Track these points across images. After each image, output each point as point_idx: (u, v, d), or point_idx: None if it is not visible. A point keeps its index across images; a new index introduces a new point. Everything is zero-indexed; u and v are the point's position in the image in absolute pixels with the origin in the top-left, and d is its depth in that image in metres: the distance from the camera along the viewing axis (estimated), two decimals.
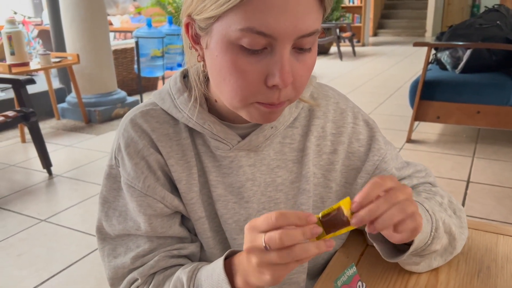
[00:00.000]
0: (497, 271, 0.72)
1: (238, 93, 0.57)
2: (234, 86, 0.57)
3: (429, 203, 0.70)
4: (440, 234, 0.67)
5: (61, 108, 4.29)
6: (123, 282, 0.71)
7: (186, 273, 0.62)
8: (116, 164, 0.69)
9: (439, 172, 2.69)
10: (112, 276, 0.71)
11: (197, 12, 0.56)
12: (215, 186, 0.70)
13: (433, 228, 0.66)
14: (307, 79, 0.60)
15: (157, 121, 0.68)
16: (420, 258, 0.69)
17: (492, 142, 3.22)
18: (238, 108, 0.60)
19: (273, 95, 0.57)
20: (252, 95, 0.57)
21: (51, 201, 2.55)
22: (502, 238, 0.81)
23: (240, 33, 0.53)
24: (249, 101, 0.58)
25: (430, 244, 0.66)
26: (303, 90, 0.61)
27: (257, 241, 0.50)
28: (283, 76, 0.54)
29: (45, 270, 1.86)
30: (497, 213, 2.21)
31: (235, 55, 0.55)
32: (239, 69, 0.55)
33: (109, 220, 0.70)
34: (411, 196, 0.56)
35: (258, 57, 0.54)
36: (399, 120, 3.80)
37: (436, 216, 0.67)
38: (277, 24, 0.52)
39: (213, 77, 0.61)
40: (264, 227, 0.50)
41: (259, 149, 0.70)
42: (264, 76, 0.55)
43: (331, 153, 0.75)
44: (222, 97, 0.61)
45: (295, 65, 0.56)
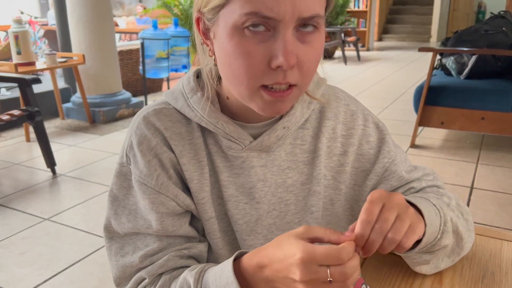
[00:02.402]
0: (501, 276, 0.72)
1: (244, 77, 0.58)
2: (240, 70, 0.58)
3: (437, 201, 0.70)
4: (449, 228, 0.67)
5: (66, 108, 4.31)
6: (130, 281, 0.69)
7: (193, 275, 0.61)
8: (127, 161, 0.69)
9: (443, 178, 2.68)
10: (119, 275, 0.70)
11: (204, 4, 0.59)
12: (227, 186, 0.70)
13: (441, 222, 0.66)
14: (315, 63, 0.60)
15: (170, 120, 0.69)
16: (430, 255, 0.68)
17: (496, 149, 3.21)
18: (246, 97, 0.61)
19: (277, 76, 0.57)
20: (257, 78, 0.58)
21: (55, 200, 2.56)
22: (506, 244, 0.81)
23: (244, 17, 0.55)
24: (255, 85, 0.58)
25: (440, 238, 0.66)
26: (311, 76, 0.61)
27: (320, 274, 0.50)
28: (286, 56, 0.55)
29: (47, 269, 1.87)
30: (500, 220, 2.21)
31: (239, 39, 0.56)
32: (244, 52, 0.56)
33: (118, 218, 0.69)
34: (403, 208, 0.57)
35: (262, 40, 0.56)
36: (403, 125, 3.80)
37: (444, 211, 0.67)
38: (279, 5, 0.54)
39: (221, 66, 0.62)
40: (327, 263, 0.50)
41: (270, 150, 0.71)
42: (268, 58, 0.56)
43: (341, 155, 0.76)
44: (231, 86, 0.62)
45: (299, 47, 0.57)
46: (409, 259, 0.69)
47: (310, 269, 0.50)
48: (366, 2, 9.82)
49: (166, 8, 6.21)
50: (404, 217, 0.56)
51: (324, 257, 0.50)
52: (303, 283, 0.50)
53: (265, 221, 0.73)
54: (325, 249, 0.50)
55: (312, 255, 0.50)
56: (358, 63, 7.90)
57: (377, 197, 0.56)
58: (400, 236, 0.56)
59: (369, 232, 0.55)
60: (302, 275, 0.50)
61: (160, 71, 4.47)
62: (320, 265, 0.50)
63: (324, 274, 0.50)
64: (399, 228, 0.56)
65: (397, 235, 0.55)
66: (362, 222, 0.55)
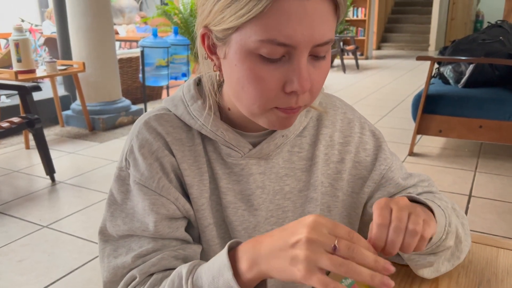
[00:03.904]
0: (497, 284, 0.73)
1: (257, 100, 0.59)
2: (253, 93, 0.59)
3: (438, 201, 0.71)
4: (453, 229, 0.68)
5: (65, 115, 4.32)
6: (121, 283, 0.67)
7: (186, 266, 0.60)
8: (126, 166, 0.69)
9: (441, 186, 2.69)
10: (110, 278, 0.68)
11: (215, 23, 0.58)
12: (225, 193, 0.71)
13: (447, 222, 0.66)
14: (322, 84, 0.62)
15: (171, 125, 0.70)
16: (434, 257, 0.69)
17: (494, 157, 3.22)
18: (257, 115, 0.62)
19: (291, 100, 0.59)
20: (271, 101, 0.59)
21: (54, 207, 2.56)
22: (502, 252, 0.82)
23: (260, 43, 0.55)
24: (268, 107, 0.60)
25: (444, 239, 0.66)
26: (318, 95, 0.63)
27: (326, 237, 0.49)
28: (301, 82, 0.56)
29: (45, 276, 1.87)
30: (498, 228, 2.21)
31: (253, 63, 0.57)
32: (258, 77, 0.57)
33: (114, 220, 0.69)
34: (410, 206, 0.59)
35: (276, 65, 0.57)
36: (401, 133, 3.81)
37: (448, 211, 0.69)
38: (296, 33, 0.54)
39: (231, 86, 0.62)
40: (337, 232, 0.50)
41: (269, 157, 0.72)
42: (282, 83, 0.57)
43: (339, 162, 0.77)
44: (240, 104, 0.63)
45: (311, 71, 0.58)
46: (413, 261, 0.70)
47: (320, 230, 0.49)
48: (365, 11, 9.88)
49: (166, 16, 6.25)
50: (416, 213, 0.58)
51: (335, 226, 0.50)
52: (308, 242, 0.49)
53: (263, 227, 0.73)
54: (336, 222, 0.51)
55: (324, 220, 0.51)
56: (357, 71, 7.93)
57: (384, 203, 0.58)
58: (420, 227, 0.56)
59: (386, 234, 0.55)
60: (310, 231, 0.49)
61: (159, 79, 4.49)
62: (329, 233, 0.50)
63: (331, 240, 0.49)
64: (416, 220, 0.56)
65: (417, 226, 0.56)
66: (378, 226, 0.56)
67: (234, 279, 0.53)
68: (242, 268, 0.54)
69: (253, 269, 0.53)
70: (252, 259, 0.53)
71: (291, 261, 0.49)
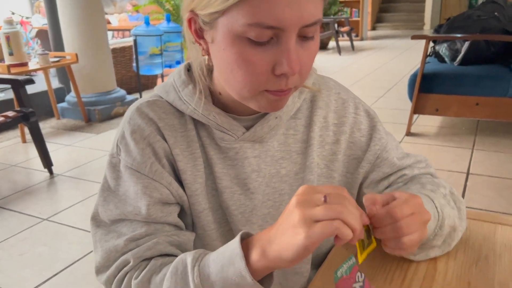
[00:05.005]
0: (495, 260, 0.73)
1: (247, 84, 0.59)
2: (242, 77, 0.58)
3: (436, 197, 0.71)
4: (444, 231, 0.68)
5: (60, 108, 4.29)
6: (112, 267, 0.65)
7: (192, 254, 0.59)
8: (117, 152, 0.69)
9: (439, 165, 2.69)
10: (102, 263, 0.66)
11: (201, 7, 0.57)
12: (221, 178, 0.71)
13: (437, 226, 0.67)
14: (311, 65, 0.62)
15: (163, 111, 0.70)
16: (419, 250, 0.70)
17: (491, 134, 3.22)
18: (247, 98, 0.62)
19: (280, 82, 0.58)
20: (261, 84, 0.59)
21: (53, 200, 2.56)
22: (500, 227, 0.82)
23: (247, 27, 0.54)
24: (258, 90, 0.60)
25: (432, 240, 0.68)
26: (307, 76, 0.63)
27: (315, 195, 0.51)
28: (291, 64, 0.56)
29: (47, 269, 1.87)
30: (497, 204, 2.22)
31: (242, 47, 0.56)
32: (247, 60, 0.57)
33: (106, 205, 0.68)
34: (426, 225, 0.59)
35: (265, 48, 0.56)
36: (398, 113, 3.80)
37: (444, 213, 0.68)
38: (283, 15, 0.53)
39: (220, 70, 0.62)
40: (325, 190, 0.52)
41: (263, 140, 0.72)
42: (272, 66, 0.57)
43: (334, 143, 0.77)
44: (230, 88, 0.63)
45: (300, 52, 0.58)
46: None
47: (308, 191, 0.52)
48: None
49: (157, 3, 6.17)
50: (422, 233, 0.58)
51: (325, 187, 0.53)
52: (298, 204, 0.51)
53: (260, 211, 0.73)
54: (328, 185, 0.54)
55: (313, 186, 0.53)
56: (352, 53, 7.89)
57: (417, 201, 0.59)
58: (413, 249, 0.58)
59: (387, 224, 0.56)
60: (298, 196, 0.52)
61: (154, 67, 4.46)
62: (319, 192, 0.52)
63: (319, 195, 0.51)
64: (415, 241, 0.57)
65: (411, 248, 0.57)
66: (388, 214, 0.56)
67: (247, 269, 0.53)
68: (253, 257, 0.54)
69: (264, 257, 0.53)
70: (262, 247, 0.53)
71: (292, 231, 0.50)
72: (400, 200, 0.58)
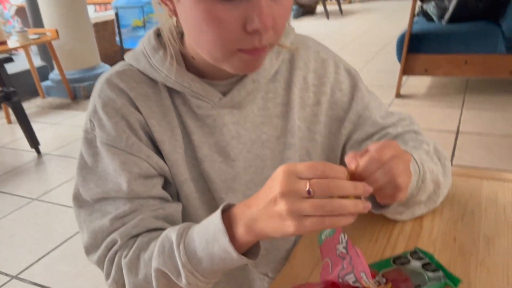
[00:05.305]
0: (481, 214, 0.72)
1: (218, 43, 0.56)
2: (212, 37, 0.55)
3: (417, 152, 0.69)
4: (427, 185, 0.66)
5: (45, 86, 4.22)
6: (101, 247, 0.63)
7: (176, 230, 0.58)
8: (91, 127, 0.66)
9: (429, 125, 2.69)
10: (90, 242, 0.64)
11: None
12: (200, 146, 0.68)
13: (419, 180, 0.65)
14: (286, 21, 0.59)
15: (134, 80, 0.66)
16: (404, 208, 0.69)
17: (481, 92, 3.21)
18: (220, 60, 0.59)
19: (253, 40, 0.55)
20: (232, 43, 0.55)
21: (42, 179, 2.53)
22: (486, 182, 0.81)
23: None
24: (230, 50, 0.56)
25: (416, 195, 0.66)
26: (282, 33, 0.60)
27: (298, 185, 0.46)
28: (263, 19, 0.53)
29: (39, 249, 1.87)
30: (486, 162, 2.23)
31: (209, 4, 0.53)
32: (216, 18, 0.53)
33: (86, 184, 0.66)
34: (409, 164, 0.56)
35: (234, 3, 0.53)
36: (388, 75, 3.77)
37: (424, 167, 0.66)
38: None
39: (189, 31, 0.59)
40: (308, 174, 0.47)
41: (242, 106, 0.69)
42: (243, 22, 0.54)
43: (314, 105, 0.74)
44: (202, 50, 0.60)
45: (273, 7, 0.54)
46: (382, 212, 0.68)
47: (290, 179, 0.47)
48: None
49: None
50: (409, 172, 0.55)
51: (305, 168, 0.47)
52: (283, 197, 0.47)
53: (243, 178, 0.71)
54: (307, 162, 0.48)
55: (293, 166, 0.48)
56: (341, 17, 7.76)
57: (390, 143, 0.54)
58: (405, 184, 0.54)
59: (375, 170, 0.52)
60: (281, 185, 0.47)
61: (137, 40, 4.31)
62: (301, 178, 0.47)
63: (303, 184, 0.46)
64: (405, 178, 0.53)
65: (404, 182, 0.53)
66: (371, 158, 0.52)
67: (231, 245, 0.52)
68: (239, 232, 0.53)
69: (250, 233, 0.52)
70: (247, 223, 0.52)
71: (279, 219, 0.48)
72: (379, 144, 0.54)
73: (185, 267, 0.55)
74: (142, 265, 0.60)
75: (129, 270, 0.61)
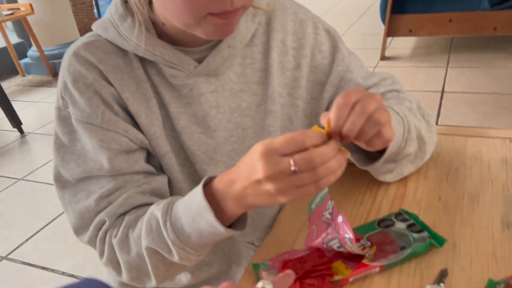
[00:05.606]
0: (466, 172, 0.72)
1: (188, 8, 0.53)
2: (181, 2, 0.52)
3: (399, 107, 0.68)
4: (412, 136, 0.65)
5: (24, 64, 4.11)
6: (90, 227, 0.63)
7: (160, 209, 0.57)
8: (64, 104, 0.63)
9: (414, 86, 2.68)
10: (78, 224, 0.64)
11: None
12: (177, 118, 0.66)
13: (405, 130, 0.64)
14: None
15: (104, 52, 0.63)
16: (394, 164, 0.67)
17: (465, 50, 3.19)
18: (191, 26, 0.56)
19: (225, 2, 0.52)
20: (202, 7, 0.52)
21: (26, 159, 2.49)
22: (470, 140, 0.80)
23: None
24: (201, 14, 0.53)
25: (404, 147, 0.64)
26: None
27: (282, 165, 0.46)
28: None
29: (27, 228, 1.86)
30: (471, 119, 2.24)
31: None
32: None
33: (66, 164, 0.64)
34: (382, 102, 0.53)
35: None
36: (372, 38, 3.72)
37: (407, 118, 0.65)
38: None
39: None
40: (288, 149, 0.46)
41: (219, 73, 0.66)
42: None
43: (295, 69, 0.72)
44: (171, 16, 0.57)
45: None
46: (372, 169, 0.67)
47: (272, 161, 0.46)
48: None
49: None
50: (384, 109, 0.52)
51: (284, 144, 0.46)
52: (269, 180, 0.46)
53: (224, 148, 0.69)
54: (284, 136, 0.47)
55: (271, 145, 0.47)
56: None
57: (353, 89, 0.52)
58: (385, 119, 0.51)
59: (347, 114, 0.50)
60: (264, 169, 0.46)
61: None
62: (282, 156, 0.46)
63: (287, 164, 0.46)
64: (382, 112, 0.51)
65: (382, 116, 0.51)
66: (339, 105, 0.50)
67: (217, 220, 0.52)
68: (228, 207, 0.53)
69: (240, 207, 0.53)
70: (236, 199, 0.52)
71: (269, 196, 0.48)
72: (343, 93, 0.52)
73: (175, 244, 0.56)
74: (133, 244, 0.60)
75: (121, 249, 0.61)
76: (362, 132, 0.51)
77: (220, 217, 0.53)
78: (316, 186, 0.47)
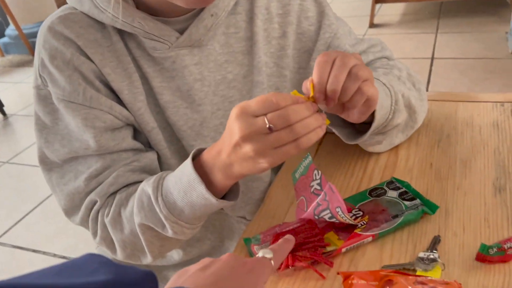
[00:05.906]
0: (457, 137, 0.70)
1: None
2: None
3: (386, 77, 0.66)
4: (400, 107, 0.64)
5: (2, 44, 3.99)
6: (81, 208, 0.62)
7: (150, 184, 0.56)
8: (43, 83, 0.60)
9: (404, 53, 2.65)
10: (68, 205, 0.62)
11: None
12: (161, 92, 0.63)
13: (392, 102, 0.62)
14: None
15: (80, 26, 0.59)
16: (383, 136, 0.66)
17: (455, 15, 3.15)
18: None
19: None
20: None
21: (10, 141, 2.45)
22: (461, 105, 0.79)
23: None
24: None
25: (391, 118, 0.63)
26: None
27: (257, 124, 0.46)
28: None
29: (16, 211, 1.83)
30: (461, 85, 2.22)
31: None
32: None
33: (50, 145, 0.62)
34: (362, 60, 0.53)
35: None
36: (360, 5, 3.66)
37: (394, 89, 0.63)
38: None
39: None
40: (262, 110, 0.46)
41: (202, 44, 0.63)
42: None
43: (281, 37, 0.69)
44: None
45: None
46: (360, 142, 0.66)
47: (247, 121, 0.46)
48: None
49: None
50: (364, 66, 0.52)
51: (259, 104, 0.46)
52: (246, 141, 0.46)
53: (211, 122, 0.67)
54: (259, 97, 0.47)
55: (245, 105, 0.47)
56: None
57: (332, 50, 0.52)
58: (365, 74, 0.51)
59: (329, 71, 0.50)
60: (240, 130, 0.46)
61: None
62: (257, 116, 0.46)
63: (261, 122, 0.46)
64: (362, 67, 0.51)
65: (361, 71, 0.50)
66: (320, 63, 0.50)
67: (209, 192, 0.52)
68: (217, 179, 0.53)
69: (229, 178, 0.52)
70: (223, 170, 0.51)
71: (250, 160, 0.48)
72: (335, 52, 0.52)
73: (168, 219, 0.55)
74: (125, 221, 0.59)
75: (114, 228, 0.60)
76: (344, 89, 0.50)
77: (211, 188, 0.52)
78: (296, 145, 0.46)
